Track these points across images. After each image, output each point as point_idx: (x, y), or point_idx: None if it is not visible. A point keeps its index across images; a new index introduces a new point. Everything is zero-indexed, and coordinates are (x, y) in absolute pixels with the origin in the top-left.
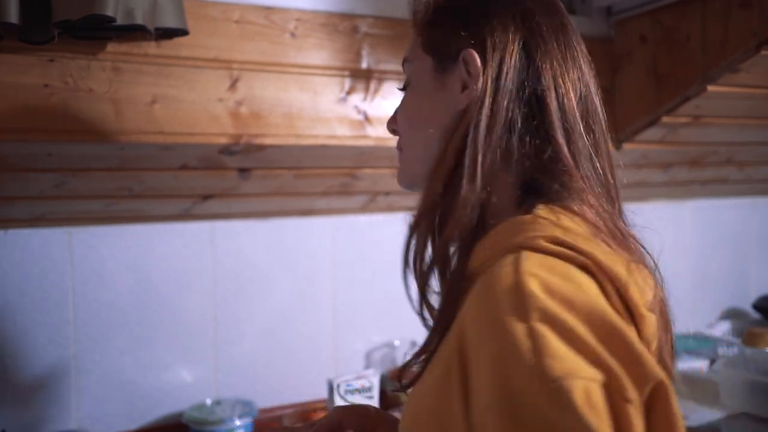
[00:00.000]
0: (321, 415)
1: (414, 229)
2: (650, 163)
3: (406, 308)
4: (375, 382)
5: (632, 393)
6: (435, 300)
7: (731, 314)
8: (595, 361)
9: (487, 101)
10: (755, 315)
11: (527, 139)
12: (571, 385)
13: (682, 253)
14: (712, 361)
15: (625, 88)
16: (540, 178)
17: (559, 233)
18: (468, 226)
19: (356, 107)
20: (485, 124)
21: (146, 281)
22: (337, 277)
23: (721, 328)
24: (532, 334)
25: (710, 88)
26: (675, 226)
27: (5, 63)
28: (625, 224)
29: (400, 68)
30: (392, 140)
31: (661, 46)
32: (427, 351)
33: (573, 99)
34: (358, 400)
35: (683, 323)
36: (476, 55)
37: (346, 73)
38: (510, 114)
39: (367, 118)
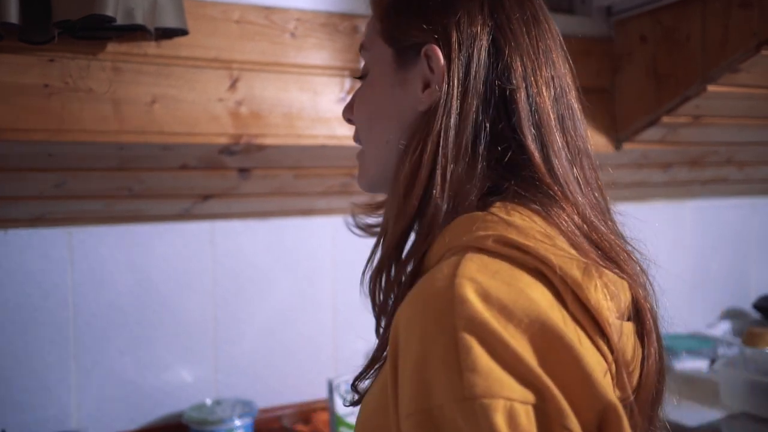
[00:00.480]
0: (321, 415)
1: (382, 237)
2: (650, 163)
3: None
4: None
5: (571, 420)
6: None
7: (731, 314)
8: (527, 380)
9: (455, 104)
10: (755, 315)
11: (494, 142)
12: (491, 405)
13: (682, 253)
14: (713, 361)
15: (625, 88)
16: (506, 182)
17: (511, 233)
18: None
19: None
20: (454, 131)
21: (146, 281)
22: (337, 277)
23: (722, 328)
24: (457, 346)
25: (710, 88)
26: (675, 226)
27: (5, 63)
28: (615, 235)
29: None
30: None
31: (661, 46)
32: (375, 361)
33: (546, 99)
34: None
35: (683, 323)
36: (440, 52)
37: (346, 73)
38: (479, 117)
39: None
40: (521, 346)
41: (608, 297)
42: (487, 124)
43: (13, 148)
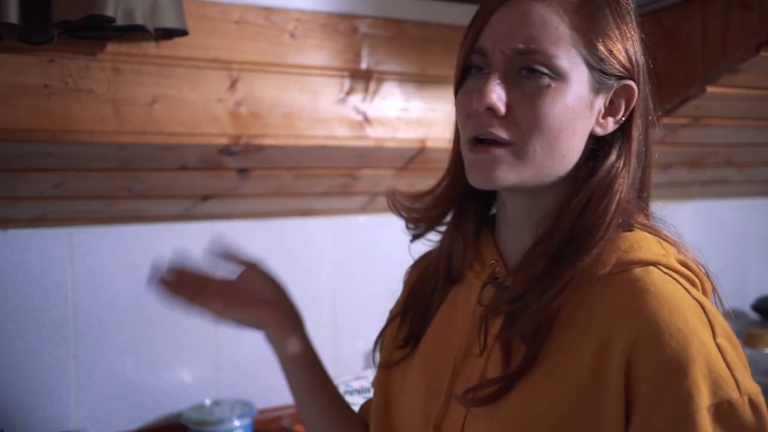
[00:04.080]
0: None
1: (553, 248)
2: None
3: None
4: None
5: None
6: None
7: (730, 315)
8: (750, 375)
9: (635, 138)
10: (754, 316)
11: (643, 169)
12: (759, 399)
13: None
14: None
15: None
16: (631, 203)
17: (680, 255)
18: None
19: (356, 108)
20: (635, 161)
21: (146, 281)
22: (336, 278)
23: None
24: (721, 349)
25: (710, 88)
26: (675, 226)
27: (5, 63)
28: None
29: (399, 69)
30: (390, 141)
31: (661, 46)
32: (527, 367)
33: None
34: (358, 400)
35: None
36: (636, 88)
37: (346, 73)
38: (642, 147)
39: (366, 119)
40: (740, 347)
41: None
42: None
43: (13, 149)
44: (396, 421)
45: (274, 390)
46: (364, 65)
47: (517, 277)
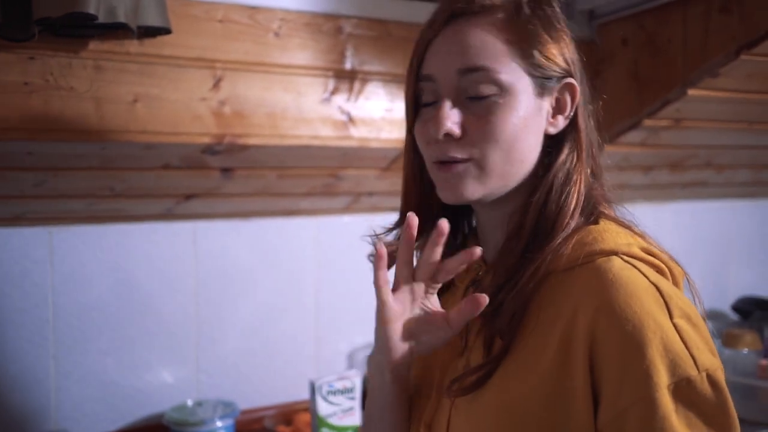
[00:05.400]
0: (303, 416)
1: (520, 245)
2: (631, 166)
3: None
4: (357, 383)
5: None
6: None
7: (710, 316)
8: (712, 349)
9: (584, 129)
10: (734, 317)
11: (592, 156)
12: (717, 374)
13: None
14: None
15: (607, 91)
16: (591, 191)
17: (643, 243)
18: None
19: (340, 108)
20: (586, 152)
21: (128, 281)
22: (320, 278)
23: None
24: (678, 329)
25: (690, 91)
26: (655, 228)
27: None
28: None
29: (384, 69)
30: (374, 141)
31: (642, 50)
32: (500, 357)
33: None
34: (341, 400)
35: None
36: (576, 84)
37: (330, 73)
38: (592, 137)
39: (350, 119)
40: (703, 327)
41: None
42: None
43: None
44: None
45: (257, 390)
46: (348, 65)
47: (492, 275)
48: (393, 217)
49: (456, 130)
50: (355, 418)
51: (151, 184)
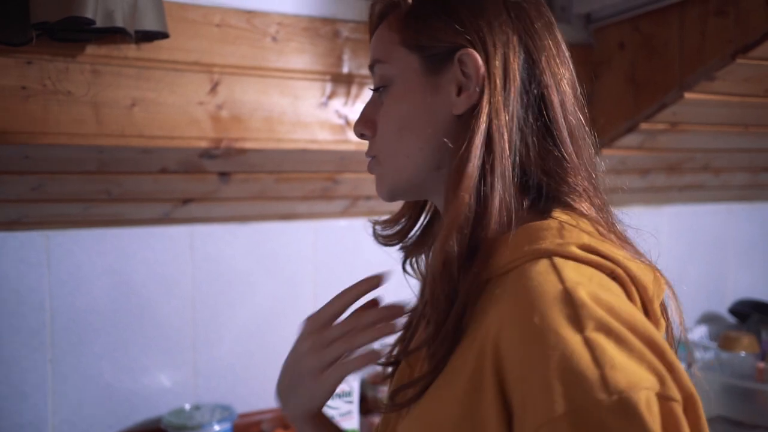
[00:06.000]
0: None
1: (446, 242)
2: (628, 169)
3: None
4: (355, 386)
5: (677, 393)
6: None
7: (708, 318)
8: (652, 368)
9: (501, 105)
10: (731, 319)
11: (535, 140)
12: (636, 397)
13: (659, 258)
14: (689, 365)
15: (604, 95)
16: (548, 180)
17: (586, 240)
18: (501, 231)
19: (337, 112)
20: (506, 129)
21: (124, 285)
22: (317, 281)
23: (698, 333)
24: (590, 345)
25: (687, 95)
26: (653, 231)
27: None
28: (622, 227)
29: None
30: None
31: (639, 54)
32: (433, 363)
33: (568, 98)
34: (338, 404)
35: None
36: (476, 54)
37: (328, 77)
38: (520, 116)
39: (348, 123)
40: (638, 340)
41: (661, 297)
42: (527, 122)
43: None
44: None
45: (254, 394)
46: (345, 69)
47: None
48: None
49: (366, 130)
50: (353, 422)
51: (149, 188)
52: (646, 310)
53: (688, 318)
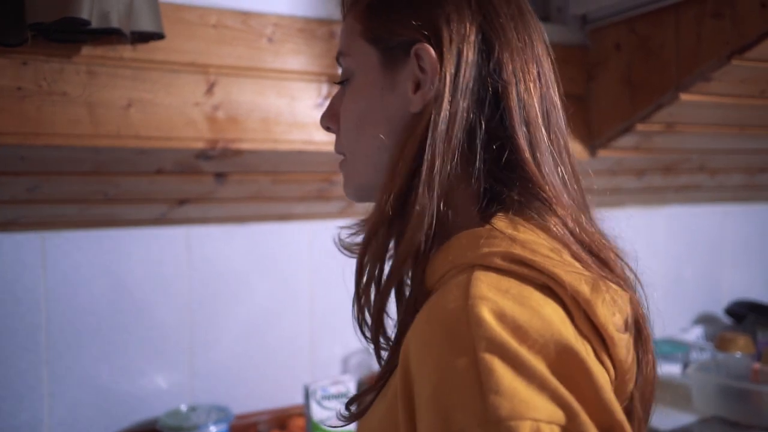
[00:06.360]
0: (297, 420)
1: (366, 246)
2: (624, 170)
3: None
4: (351, 387)
5: (593, 430)
6: (389, 325)
7: (704, 319)
8: (555, 398)
9: (445, 102)
10: (727, 320)
11: (487, 142)
12: (517, 427)
13: (655, 259)
14: (685, 366)
15: (600, 96)
16: (501, 186)
17: (516, 249)
18: (424, 240)
19: None
20: (443, 127)
21: (121, 286)
22: (314, 283)
23: (694, 333)
24: (478, 367)
25: (683, 96)
26: (649, 232)
27: None
28: (600, 233)
29: None
30: None
31: (635, 55)
32: (382, 378)
33: (534, 95)
34: (335, 406)
35: (657, 328)
36: (431, 50)
37: (324, 78)
38: (470, 115)
39: None
40: (541, 366)
41: (614, 312)
42: (482, 122)
43: None
44: None
45: (251, 395)
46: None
47: None
48: None
49: (330, 124)
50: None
51: (145, 189)
52: (594, 326)
53: (684, 319)
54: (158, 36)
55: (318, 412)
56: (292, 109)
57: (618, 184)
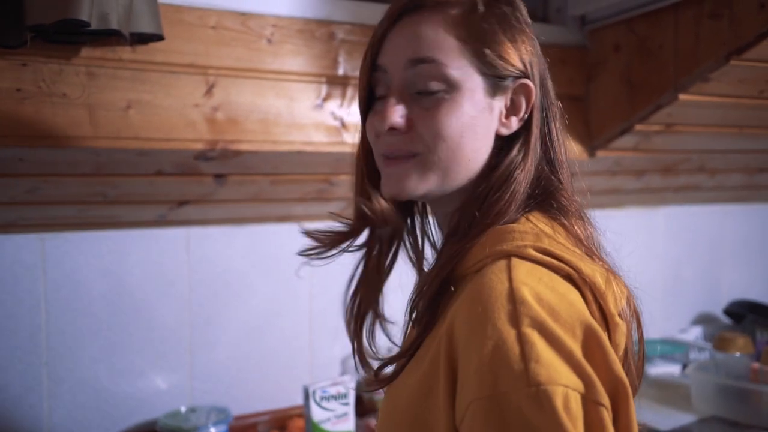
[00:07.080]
0: (297, 421)
1: (451, 245)
2: (624, 170)
3: None
4: (351, 388)
5: (605, 398)
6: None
7: (703, 319)
8: (578, 370)
9: (535, 129)
10: (726, 320)
11: (544, 165)
12: (552, 391)
13: (655, 259)
14: (685, 366)
15: (599, 96)
16: (543, 198)
17: (546, 243)
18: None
19: (333, 114)
20: (534, 152)
21: (120, 288)
22: (313, 284)
23: (693, 333)
24: (522, 340)
25: (682, 96)
26: (648, 232)
27: None
28: (591, 230)
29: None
30: None
31: (634, 55)
32: (408, 352)
33: (557, 117)
34: (334, 406)
35: (656, 328)
36: (533, 86)
37: (323, 79)
38: (542, 138)
39: (343, 125)
40: (571, 342)
41: (619, 302)
42: (542, 151)
43: None
44: None
45: (250, 396)
46: (341, 71)
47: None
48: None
49: (401, 124)
50: (349, 424)
51: (144, 191)
52: (603, 311)
53: (683, 319)
54: (158, 37)
55: (317, 413)
56: (291, 110)
57: (617, 185)
